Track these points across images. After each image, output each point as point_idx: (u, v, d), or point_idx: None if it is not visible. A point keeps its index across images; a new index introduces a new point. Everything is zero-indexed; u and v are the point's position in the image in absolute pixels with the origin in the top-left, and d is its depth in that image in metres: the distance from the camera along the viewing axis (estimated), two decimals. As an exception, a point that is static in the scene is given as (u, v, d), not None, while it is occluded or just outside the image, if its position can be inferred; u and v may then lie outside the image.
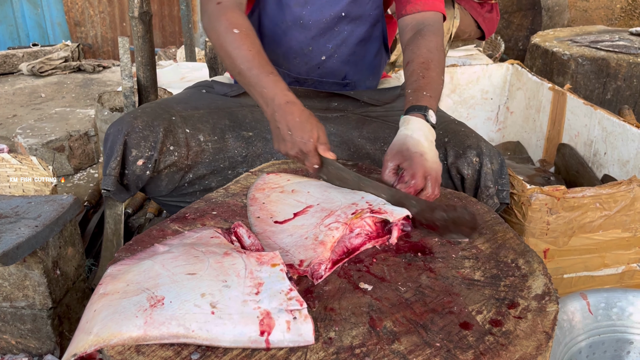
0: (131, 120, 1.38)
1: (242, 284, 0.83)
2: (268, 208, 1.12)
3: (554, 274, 1.56)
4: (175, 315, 0.78)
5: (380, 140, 1.51)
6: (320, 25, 1.47)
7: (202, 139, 1.45)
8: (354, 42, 1.51)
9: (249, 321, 0.77)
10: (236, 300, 0.80)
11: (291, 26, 1.47)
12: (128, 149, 1.36)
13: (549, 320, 0.82)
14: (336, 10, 1.45)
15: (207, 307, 0.79)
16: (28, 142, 2.63)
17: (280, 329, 0.77)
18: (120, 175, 1.38)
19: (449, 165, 1.38)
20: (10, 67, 4.66)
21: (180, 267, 0.87)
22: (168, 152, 1.40)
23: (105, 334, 0.76)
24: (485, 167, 1.35)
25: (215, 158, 1.46)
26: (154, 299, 0.80)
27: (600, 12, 4.73)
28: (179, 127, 1.43)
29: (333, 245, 0.97)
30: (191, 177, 1.46)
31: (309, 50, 1.50)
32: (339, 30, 1.48)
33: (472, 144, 1.37)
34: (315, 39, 1.48)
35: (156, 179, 1.42)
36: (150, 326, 0.76)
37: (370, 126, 1.53)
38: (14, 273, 1.27)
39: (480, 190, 1.35)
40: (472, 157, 1.35)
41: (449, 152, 1.38)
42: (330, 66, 1.53)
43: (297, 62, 1.53)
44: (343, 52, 1.51)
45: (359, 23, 1.49)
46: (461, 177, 1.37)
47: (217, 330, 0.76)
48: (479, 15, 2.89)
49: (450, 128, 1.45)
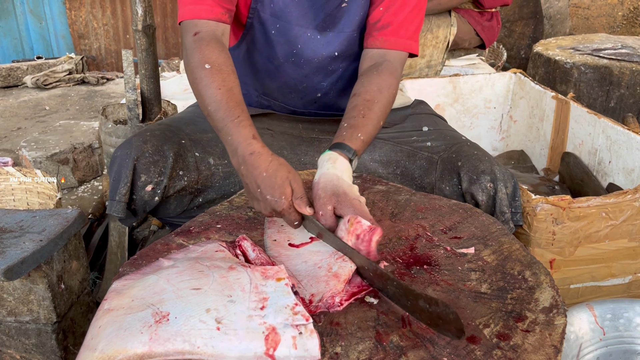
0: (140, 145, 1.32)
1: (247, 299, 0.83)
2: (286, 231, 1.09)
3: (561, 284, 1.55)
4: (181, 331, 0.77)
5: (393, 164, 1.50)
6: (313, 64, 1.43)
7: (212, 162, 1.42)
8: (349, 76, 1.47)
9: (255, 337, 0.77)
10: (241, 316, 0.80)
11: (283, 63, 1.43)
12: (137, 174, 1.31)
13: (557, 334, 0.81)
14: (329, 51, 1.42)
15: (213, 322, 0.78)
16: (32, 155, 2.64)
17: (286, 345, 0.76)
18: (128, 200, 1.33)
19: (464, 191, 1.36)
20: (15, 80, 4.69)
21: (185, 282, 0.87)
22: (178, 177, 1.37)
23: (110, 351, 0.76)
24: (500, 192, 1.33)
25: (225, 182, 1.44)
26: (159, 314, 0.80)
27: (602, 19, 4.74)
28: (188, 150, 1.39)
29: (347, 278, 0.92)
30: (200, 201, 1.43)
31: (304, 87, 1.48)
32: (333, 68, 1.45)
33: (485, 169, 1.34)
34: (309, 76, 1.45)
35: (165, 202, 1.39)
36: (155, 342, 0.76)
37: (381, 149, 1.51)
38: (19, 287, 1.27)
39: (496, 216, 1.33)
40: (486, 183, 1.33)
41: (463, 177, 1.36)
42: (326, 101, 1.51)
43: (292, 97, 1.50)
44: (338, 88, 1.49)
45: (354, 59, 1.45)
46: (476, 203, 1.35)
47: (223, 347, 0.76)
48: (478, 24, 2.90)
49: (463, 151, 1.41)
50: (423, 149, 1.48)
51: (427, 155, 1.46)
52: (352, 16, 1.38)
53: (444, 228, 1.13)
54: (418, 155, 1.48)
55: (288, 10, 1.36)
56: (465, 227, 1.12)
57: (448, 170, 1.40)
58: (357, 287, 0.93)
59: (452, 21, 2.77)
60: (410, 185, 1.47)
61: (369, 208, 1.20)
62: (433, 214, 1.18)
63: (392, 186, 1.32)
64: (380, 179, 1.35)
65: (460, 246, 1.06)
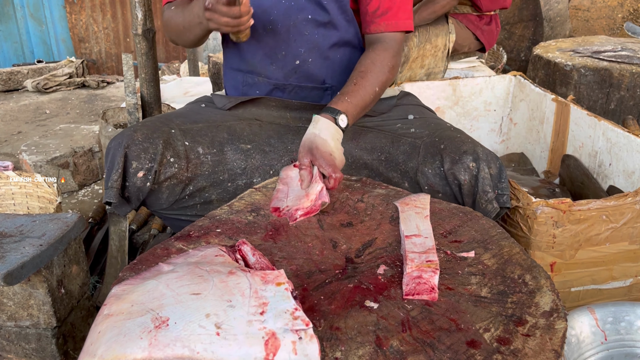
0: (131, 134, 1.41)
1: (247, 304, 0.82)
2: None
3: (561, 287, 1.54)
4: (180, 336, 0.77)
5: (377, 150, 1.52)
6: (289, 29, 1.50)
7: (202, 151, 1.48)
8: (327, 46, 1.54)
9: (254, 342, 0.76)
10: (241, 321, 0.79)
11: (262, 33, 1.52)
12: (128, 161, 1.39)
13: (558, 338, 0.81)
14: (303, 15, 1.49)
15: (212, 327, 0.78)
16: (33, 159, 2.64)
17: (286, 350, 0.76)
18: (122, 188, 1.40)
19: (446, 172, 1.38)
20: (15, 83, 4.70)
21: (185, 287, 0.87)
22: (168, 163, 1.42)
23: (109, 357, 0.76)
24: (482, 172, 1.34)
25: (215, 170, 1.49)
26: (158, 319, 0.80)
27: (602, 21, 4.74)
28: (178, 139, 1.45)
29: (314, 198, 1.21)
30: (191, 190, 1.47)
31: (283, 55, 1.54)
32: (309, 34, 1.51)
33: (468, 150, 1.37)
34: (287, 42, 1.52)
35: (157, 191, 1.44)
36: (154, 348, 0.76)
37: (366, 136, 1.54)
38: (19, 292, 1.26)
39: (479, 196, 1.34)
40: (468, 162, 1.35)
41: (445, 158, 1.38)
42: (305, 70, 1.56)
43: (273, 68, 1.56)
44: (316, 56, 1.54)
45: (330, 28, 1.52)
46: (458, 183, 1.36)
47: (222, 352, 0.76)
48: (477, 28, 2.90)
49: (446, 135, 1.45)
50: (407, 135, 1.52)
51: (411, 140, 1.50)
52: None
53: (444, 232, 1.12)
54: (402, 141, 1.51)
55: None
56: (465, 231, 1.12)
57: (431, 154, 1.42)
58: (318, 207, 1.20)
59: (450, 28, 2.77)
60: (394, 170, 1.49)
61: (369, 212, 1.21)
62: (433, 217, 1.18)
63: (392, 189, 1.32)
64: (380, 183, 1.35)
65: (460, 250, 1.06)
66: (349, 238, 1.12)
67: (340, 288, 0.95)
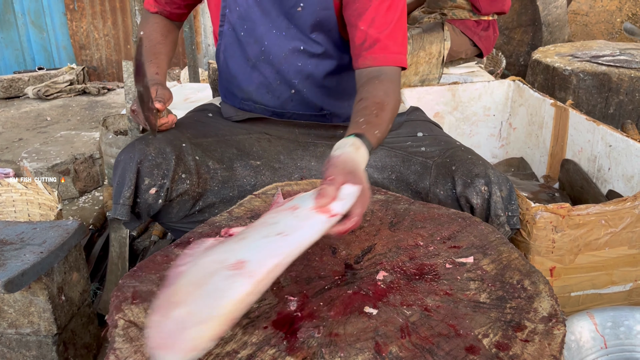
0: (143, 148, 1.35)
1: (291, 215, 0.94)
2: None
3: (561, 292, 1.54)
4: (263, 255, 0.83)
5: (388, 169, 1.51)
6: (281, 60, 1.48)
7: (212, 166, 1.45)
8: (321, 75, 1.50)
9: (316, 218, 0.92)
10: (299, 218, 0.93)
11: (256, 62, 1.50)
12: (141, 177, 1.33)
13: (557, 344, 0.81)
14: (294, 45, 1.46)
15: (282, 232, 0.89)
16: (33, 166, 2.65)
17: (336, 204, 0.93)
18: (132, 203, 1.35)
19: (458, 195, 1.37)
20: (16, 91, 4.71)
21: (232, 242, 0.89)
22: (180, 180, 1.39)
23: (219, 311, 0.74)
24: (494, 195, 1.33)
25: (224, 187, 1.46)
26: (234, 265, 0.80)
27: (601, 26, 4.76)
28: (189, 154, 1.42)
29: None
30: (201, 205, 1.45)
31: (278, 85, 1.52)
32: (302, 65, 1.48)
33: (480, 173, 1.35)
34: (281, 73, 1.49)
35: (167, 207, 1.40)
36: (250, 278, 0.78)
37: (376, 155, 1.52)
38: (19, 299, 1.27)
39: (491, 220, 1.33)
40: (480, 186, 1.34)
41: (457, 181, 1.37)
42: (301, 99, 1.53)
43: (269, 98, 1.54)
44: (311, 85, 1.51)
45: (324, 58, 1.48)
46: (470, 206, 1.35)
47: (298, 235, 0.88)
48: (475, 34, 2.91)
49: (457, 155, 1.43)
50: (417, 154, 1.49)
51: (422, 160, 1.48)
52: (307, 21, 1.43)
53: (443, 237, 1.13)
54: (412, 160, 1.49)
55: (252, 10, 1.45)
56: (464, 236, 1.12)
57: (442, 175, 1.41)
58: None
59: (445, 35, 2.78)
60: (405, 190, 1.48)
61: (369, 217, 1.21)
62: (432, 223, 1.18)
63: (391, 195, 1.32)
64: (379, 188, 1.36)
65: (459, 255, 1.06)
66: (348, 244, 1.12)
67: (340, 294, 0.96)
